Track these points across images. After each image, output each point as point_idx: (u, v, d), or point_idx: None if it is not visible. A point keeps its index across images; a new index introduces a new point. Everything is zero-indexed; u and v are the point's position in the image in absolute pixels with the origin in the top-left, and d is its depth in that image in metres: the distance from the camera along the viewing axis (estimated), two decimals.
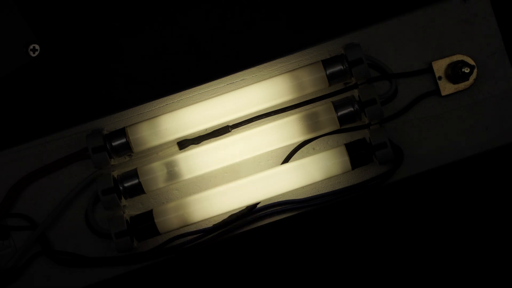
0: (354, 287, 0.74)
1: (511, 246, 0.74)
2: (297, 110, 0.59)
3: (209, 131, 0.59)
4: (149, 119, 0.58)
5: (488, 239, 0.74)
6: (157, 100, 0.61)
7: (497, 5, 0.69)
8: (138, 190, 0.58)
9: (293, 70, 0.58)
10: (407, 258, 0.73)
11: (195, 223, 0.59)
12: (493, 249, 0.74)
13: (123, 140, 0.57)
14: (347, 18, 0.73)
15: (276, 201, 0.59)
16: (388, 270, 0.74)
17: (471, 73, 0.59)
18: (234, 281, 0.73)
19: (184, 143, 0.58)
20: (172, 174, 0.57)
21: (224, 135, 0.59)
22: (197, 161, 0.57)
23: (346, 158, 0.57)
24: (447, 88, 0.61)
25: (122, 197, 0.58)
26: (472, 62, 0.60)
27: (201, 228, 0.59)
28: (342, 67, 0.57)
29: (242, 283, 0.73)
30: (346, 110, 0.57)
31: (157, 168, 0.57)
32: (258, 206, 0.58)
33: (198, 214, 0.57)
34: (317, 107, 0.58)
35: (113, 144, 0.57)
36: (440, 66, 0.61)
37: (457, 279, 0.74)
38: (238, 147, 0.58)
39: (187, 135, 0.58)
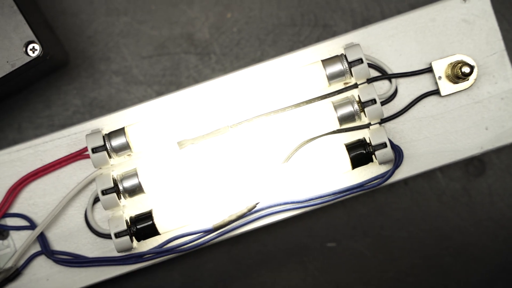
0: (354, 287, 0.74)
1: (511, 245, 0.74)
2: (296, 110, 0.59)
3: (209, 131, 0.59)
4: (149, 119, 0.58)
5: (488, 238, 0.74)
6: (157, 100, 0.61)
7: (497, 5, 0.69)
8: (138, 190, 0.57)
9: (293, 70, 0.58)
10: (407, 258, 0.73)
11: (194, 223, 0.59)
12: (493, 248, 0.74)
13: (123, 140, 0.57)
14: (347, 18, 0.73)
15: (276, 201, 0.59)
16: (388, 270, 0.73)
17: (471, 73, 0.59)
18: (234, 281, 0.73)
19: (184, 143, 0.58)
20: (171, 173, 0.57)
21: (224, 135, 0.58)
22: (196, 161, 0.57)
23: (346, 158, 0.57)
24: (447, 88, 0.61)
25: (122, 197, 0.58)
26: (472, 62, 0.60)
27: (200, 228, 0.58)
28: (342, 67, 0.57)
29: (241, 283, 0.73)
30: (346, 110, 0.57)
31: (157, 167, 0.57)
32: (258, 206, 0.58)
33: (198, 214, 0.57)
34: (317, 107, 0.58)
35: (113, 143, 0.57)
36: (440, 66, 0.61)
37: (456, 279, 0.74)
38: (237, 147, 0.58)
39: (187, 135, 0.58)
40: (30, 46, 0.60)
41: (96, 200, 0.60)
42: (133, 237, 0.57)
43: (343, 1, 0.73)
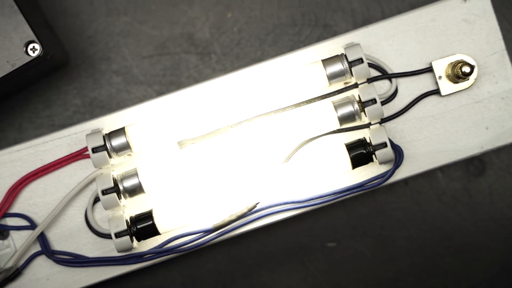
0: (353, 287, 0.73)
1: (511, 245, 0.74)
2: (296, 110, 0.59)
3: (209, 131, 0.59)
4: (149, 119, 0.58)
5: (488, 238, 0.74)
6: (157, 100, 0.61)
7: (498, 5, 0.69)
8: (138, 190, 0.57)
9: (293, 69, 0.58)
10: (407, 258, 0.73)
11: (194, 223, 0.59)
12: (493, 248, 0.74)
13: (123, 140, 0.57)
14: (347, 18, 0.73)
15: (276, 201, 0.59)
16: (388, 270, 0.73)
17: (471, 72, 0.59)
18: (234, 281, 0.73)
19: (184, 143, 0.58)
20: (171, 173, 0.57)
21: (224, 135, 0.58)
22: (196, 161, 0.57)
23: (346, 158, 0.57)
24: (447, 87, 0.61)
25: (122, 197, 0.58)
26: (472, 62, 0.60)
27: (200, 228, 0.58)
28: (342, 66, 0.57)
29: (241, 283, 0.73)
30: (346, 109, 0.57)
31: (157, 167, 0.57)
32: (258, 206, 0.58)
33: (198, 214, 0.57)
34: (317, 106, 0.58)
35: (113, 143, 0.57)
36: (440, 66, 0.61)
37: (456, 279, 0.73)
38: (237, 147, 0.58)
39: (187, 135, 0.58)
40: (30, 46, 0.60)
41: (96, 200, 0.61)
42: (133, 237, 0.57)
43: (344, 1, 0.73)
